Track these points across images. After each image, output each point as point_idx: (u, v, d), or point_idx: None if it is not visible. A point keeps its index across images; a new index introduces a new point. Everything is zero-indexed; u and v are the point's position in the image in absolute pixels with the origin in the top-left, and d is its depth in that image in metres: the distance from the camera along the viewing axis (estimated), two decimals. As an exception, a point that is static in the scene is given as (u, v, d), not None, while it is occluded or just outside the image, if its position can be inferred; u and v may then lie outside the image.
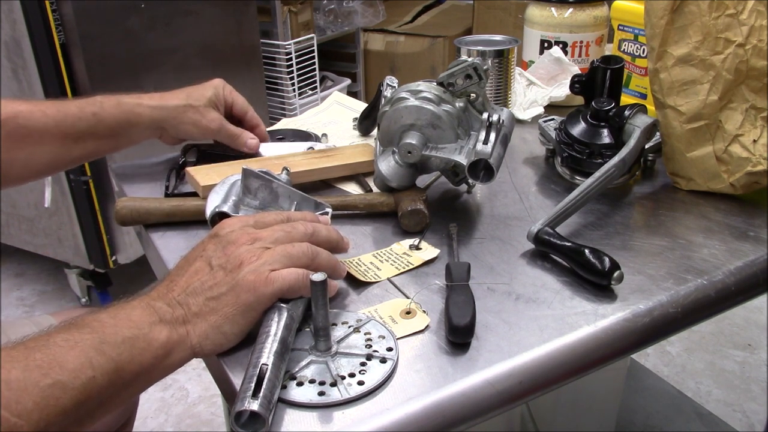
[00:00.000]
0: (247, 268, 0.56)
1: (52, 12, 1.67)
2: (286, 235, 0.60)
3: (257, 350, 0.52)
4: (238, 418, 0.48)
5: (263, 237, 0.59)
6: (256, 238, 0.58)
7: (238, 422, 0.48)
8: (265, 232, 0.59)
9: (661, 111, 0.83)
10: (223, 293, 0.55)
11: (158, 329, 0.53)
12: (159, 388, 1.78)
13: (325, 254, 0.61)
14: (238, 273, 0.55)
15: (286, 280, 0.56)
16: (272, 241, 0.59)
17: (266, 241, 0.58)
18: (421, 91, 0.77)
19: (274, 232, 0.60)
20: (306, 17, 2.57)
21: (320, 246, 0.61)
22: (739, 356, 1.85)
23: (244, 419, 0.48)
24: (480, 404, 0.54)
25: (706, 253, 0.71)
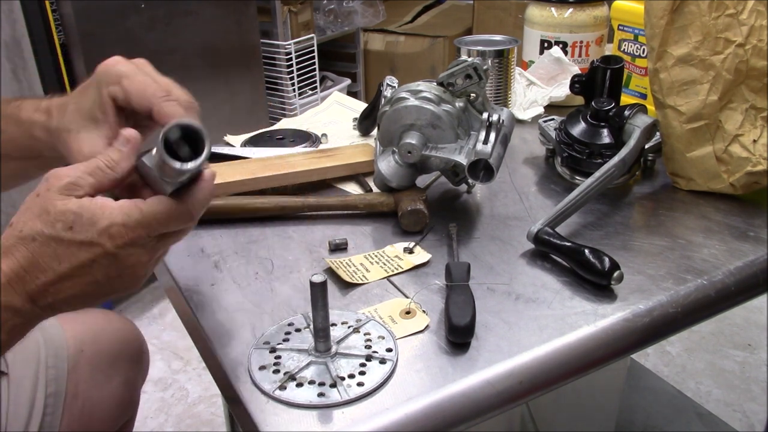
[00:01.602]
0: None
1: (52, 12, 1.67)
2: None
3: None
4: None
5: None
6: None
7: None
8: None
9: (661, 111, 0.83)
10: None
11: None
12: (159, 388, 1.78)
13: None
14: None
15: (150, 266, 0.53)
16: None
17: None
18: (421, 91, 0.77)
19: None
20: (306, 17, 2.57)
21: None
22: (739, 356, 1.85)
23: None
24: (480, 404, 0.54)
25: (706, 253, 0.71)
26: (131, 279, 0.51)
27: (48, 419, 0.82)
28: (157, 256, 0.52)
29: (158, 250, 0.52)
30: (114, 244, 0.48)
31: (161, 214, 0.49)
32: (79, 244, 0.48)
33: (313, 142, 1.01)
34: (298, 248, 0.74)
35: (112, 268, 0.49)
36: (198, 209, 0.51)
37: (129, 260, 0.50)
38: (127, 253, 0.49)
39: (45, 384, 0.83)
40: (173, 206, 0.50)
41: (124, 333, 0.98)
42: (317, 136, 1.03)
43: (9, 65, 1.72)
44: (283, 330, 0.60)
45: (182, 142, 0.48)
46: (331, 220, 0.80)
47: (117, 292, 0.52)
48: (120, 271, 0.50)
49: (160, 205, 0.49)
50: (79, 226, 0.48)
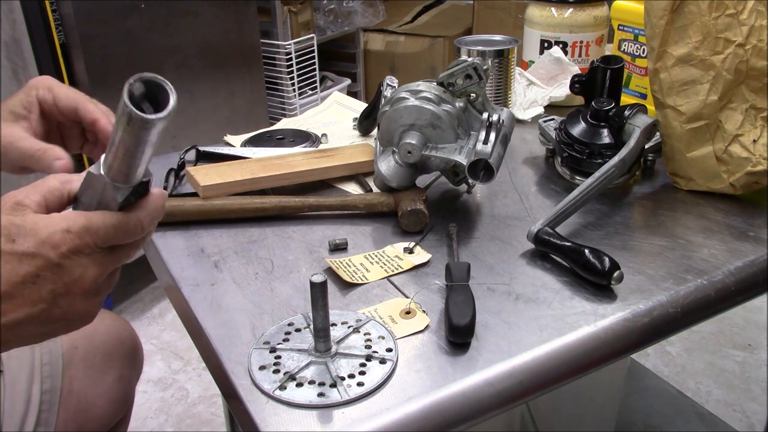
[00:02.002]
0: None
1: (52, 12, 1.67)
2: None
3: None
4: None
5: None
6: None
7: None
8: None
9: (661, 111, 0.83)
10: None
11: None
12: (159, 388, 1.78)
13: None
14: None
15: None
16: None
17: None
18: (421, 91, 0.77)
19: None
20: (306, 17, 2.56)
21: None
22: (739, 356, 1.85)
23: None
24: (480, 404, 0.54)
25: (706, 253, 0.71)
26: (81, 298, 0.47)
27: (44, 415, 0.82)
28: (108, 272, 0.48)
29: (107, 265, 0.48)
30: (57, 253, 0.44)
31: (109, 221, 0.46)
32: (20, 256, 0.44)
33: (313, 142, 1.01)
34: (298, 248, 0.74)
35: (58, 283, 0.45)
36: (148, 221, 0.48)
37: (75, 272, 0.46)
38: (73, 263, 0.45)
39: (41, 381, 0.83)
40: (123, 216, 0.47)
41: (118, 330, 0.98)
42: (317, 136, 1.03)
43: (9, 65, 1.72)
44: (283, 330, 0.60)
45: (146, 103, 0.44)
46: (331, 220, 0.80)
47: (69, 319, 0.48)
48: (67, 288, 0.46)
49: (109, 214, 0.47)
50: (21, 237, 0.44)
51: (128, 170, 0.45)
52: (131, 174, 0.46)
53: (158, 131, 0.43)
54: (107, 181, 0.46)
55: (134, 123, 0.42)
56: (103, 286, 0.49)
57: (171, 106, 0.42)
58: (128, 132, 0.42)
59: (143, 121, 0.42)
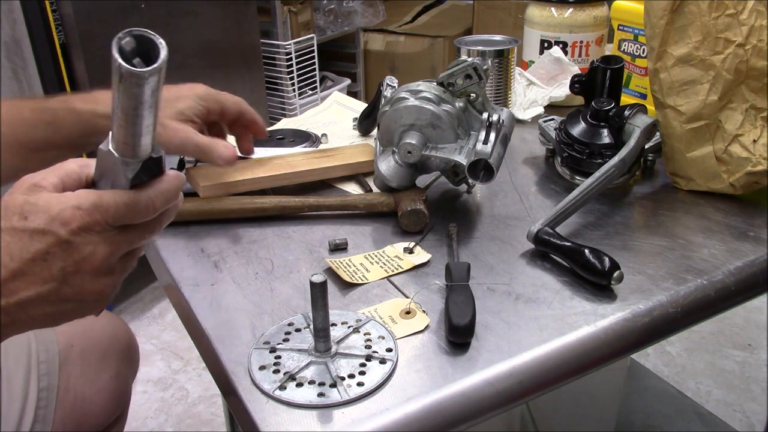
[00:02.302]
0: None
1: (52, 12, 1.67)
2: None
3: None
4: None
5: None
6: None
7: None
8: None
9: (661, 111, 0.83)
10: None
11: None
12: (159, 388, 1.78)
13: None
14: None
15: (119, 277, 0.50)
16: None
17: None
18: (421, 91, 0.77)
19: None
20: (306, 17, 2.57)
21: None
22: (739, 356, 1.85)
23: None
24: (480, 404, 0.54)
25: (706, 253, 0.71)
26: (92, 277, 0.46)
27: (41, 413, 0.82)
28: (120, 252, 0.48)
29: (119, 244, 0.47)
30: (68, 230, 0.44)
31: (120, 199, 0.46)
32: (31, 233, 0.44)
33: (313, 142, 1.01)
34: (298, 248, 0.74)
35: (68, 261, 0.45)
36: (160, 201, 0.48)
37: (85, 249, 0.45)
38: (83, 241, 0.45)
39: (37, 378, 0.84)
40: (133, 194, 0.46)
41: (113, 328, 0.98)
42: (317, 136, 1.03)
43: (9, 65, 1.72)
44: (283, 330, 0.60)
45: (139, 60, 0.43)
46: (331, 220, 0.80)
47: (80, 299, 0.47)
48: (77, 266, 0.45)
49: (120, 191, 0.46)
50: (33, 214, 0.45)
51: (132, 140, 0.44)
52: (136, 144, 0.45)
53: (152, 88, 0.42)
54: (116, 157, 0.45)
55: (125, 79, 0.41)
56: (117, 268, 0.49)
57: (162, 58, 0.41)
58: (122, 91, 0.41)
59: (133, 75, 0.40)
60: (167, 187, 0.48)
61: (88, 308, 0.49)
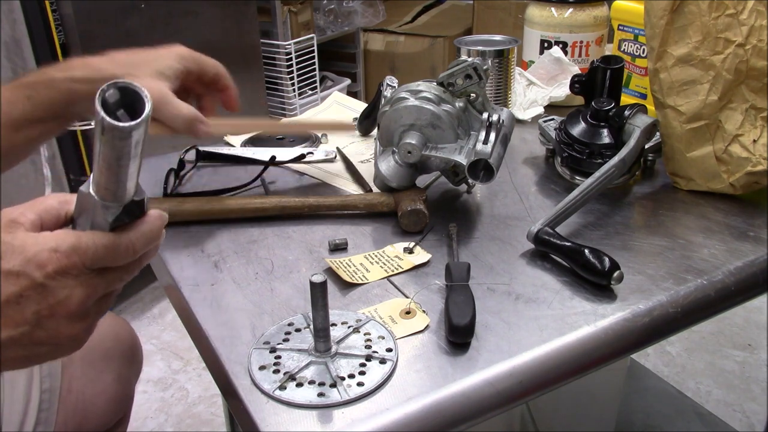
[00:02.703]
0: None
1: (52, 12, 1.67)
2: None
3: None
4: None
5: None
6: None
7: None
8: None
9: (661, 111, 0.83)
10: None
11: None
12: (159, 388, 1.78)
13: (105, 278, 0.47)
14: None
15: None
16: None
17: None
18: (421, 91, 0.77)
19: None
20: (306, 17, 2.57)
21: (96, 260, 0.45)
22: (739, 356, 1.85)
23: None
24: (480, 404, 0.54)
25: (706, 253, 0.71)
26: (67, 322, 0.45)
27: (43, 415, 0.82)
28: (97, 295, 0.46)
29: (96, 288, 0.46)
30: (43, 273, 0.43)
31: (99, 242, 0.44)
32: (5, 275, 0.42)
33: (313, 142, 1.01)
34: (298, 248, 0.74)
35: (42, 305, 0.43)
36: (141, 243, 0.46)
37: (60, 293, 0.43)
38: (58, 285, 0.43)
39: (39, 380, 0.83)
40: (113, 237, 0.45)
41: (116, 330, 0.98)
42: (317, 136, 1.03)
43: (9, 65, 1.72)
44: (283, 330, 0.60)
45: (123, 112, 0.42)
46: (331, 220, 0.80)
47: (54, 343, 0.46)
48: (52, 310, 0.44)
49: (99, 234, 0.45)
50: (9, 255, 0.43)
51: (114, 186, 0.43)
52: (119, 191, 0.44)
53: (136, 141, 0.41)
54: (96, 200, 0.44)
55: (108, 132, 0.40)
56: (92, 311, 0.47)
57: (146, 112, 0.40)
58: (105, 143, 0.40)
59: (117, 129, 0.39)
60: (149, 228, 0.47)
61: (63, 351, 0.47)
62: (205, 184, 0.90)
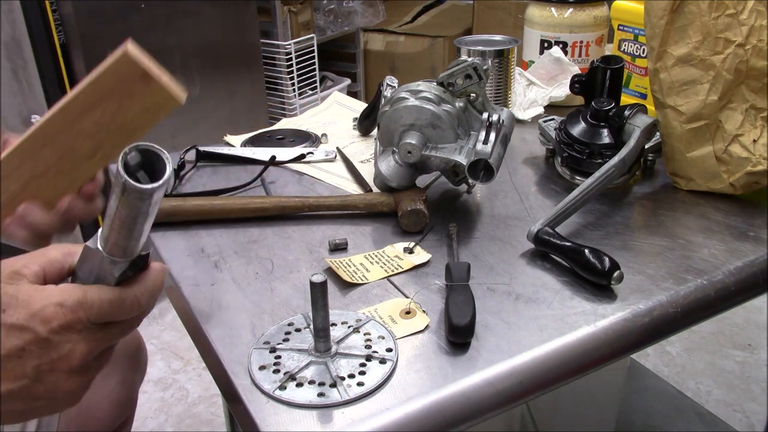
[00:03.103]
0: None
1: (52, 12, 1.67)
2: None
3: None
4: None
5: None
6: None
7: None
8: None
9: (661, 111, 0.83)
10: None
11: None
12: (159, 388, 1.78)
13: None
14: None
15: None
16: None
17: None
18: (421, 91, 0.77)
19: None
20: (306, 17, 2.56)
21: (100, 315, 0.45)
22: (739, 356, 1.85)
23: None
24: (480, 404, 0.54)
25: (706, 253, 0.71)
26: (67, 377, 0.44)
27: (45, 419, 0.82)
28: (98, 350, 0.45)
29: (99, 342, 0.45)
30: (48, 328, 0.42)
31: (105, 296, 0.44)
32: (8, 328, 0.42)
33: (313, 142, 1.01)
34: (298, 248, 0.74)
35: (44, 359, 0.43)
36: (146, 298, 0.46)
37: (63, 348, 0.43)
38: (62, 339, 0.43)
39: None
40: (119, 291, 0.45)
41: None
42: (317, 136, 1.03)
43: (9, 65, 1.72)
44: (283, 330, 0.60)
45: (143, 174, 0.43)
46: (331, 220, 0.80)
47: (52, 398, 0.45)
48: (53, 365, 0.43)
49: (105, 288, 0.44)
50: (12, 308, 0.42)
51: (126, 243, 0.43)
52: (129, 247, 0.44)
53: (155, 201, 0.42)
54: (104, 256, 0.44)
55: (129, 193, 0.40)
56: (92, 366, 0.46)
57: (167, 175, 0.41)
58: (123, 203, 0.41)
59: (138, 191, 0.40)
60: (153, 282, 0.46)
61: (60, 406, 0.46)
62: (205, 184, 0.90)
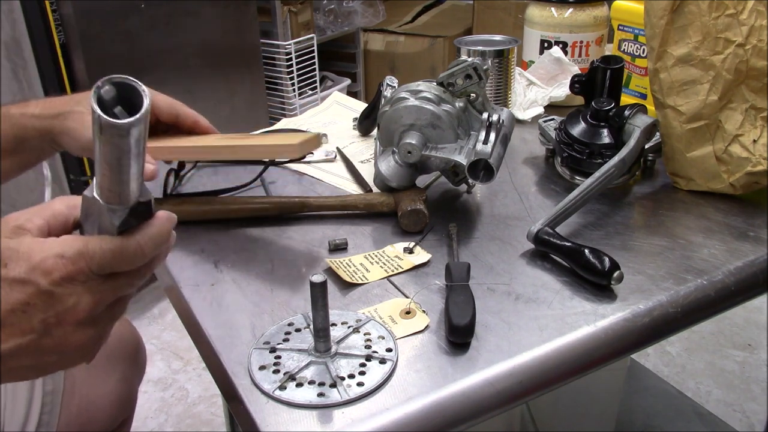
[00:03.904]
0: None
1: (52, 12, 1.67)
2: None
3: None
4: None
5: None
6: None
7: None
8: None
9: (661, 111, 0.83)
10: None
11: None
12: (159, 388, 1.78)
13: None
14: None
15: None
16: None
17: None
18: (421, 91, 0.77)
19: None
20: (306, 17, 2.56)
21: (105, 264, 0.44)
22: (739, 356, 1.85)
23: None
24: (480, 404, 0.54)
25: (706, 253, 0.71)
26: (75, 329, 0.44)
27: (45, 417, 0.82)
28: (106, 301, 0.45)
29: (105, 294, 0.44)
30: (49, 280, 0.41)
31: (107, 246, 0.43)
32: (11, 282, 0.41)
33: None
34: (298, 248, 0.74)
35: (50, 312, 0.42)
36: (150, 246, 0.44)
37: (68, 300, 0.42)
38: (65, 291, 0.42)
39: (42, 382, 0.83)
40: (121, 240, 0.43)
41: (120, 331, 0.98)
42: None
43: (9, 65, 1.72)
44: (283, 330, 0.60)
45: (121, 109, 0.40)
46: (331, 220, 0.80)
47: (62, 351, 0.44)
48: (60, 317, 0.43)
49: (107, 238, 0.43)
50: (14, 262, 0.41)
51: (118, 188, 0.42)
52: (123, 192, 0.42)
53: (136, 138, 0.39)
54: (101, 204, 0.43)
55: (105, 130, 0.38)
56: (102, 318, 0.46)
57: (145, 108, 0.39)
58: (104, 142, 0.39)
59: (114, 127, 0.38)
60: (157, 231, 0.45)
61: (72, 360, 0.46)
62: (205, 184, 0.90)
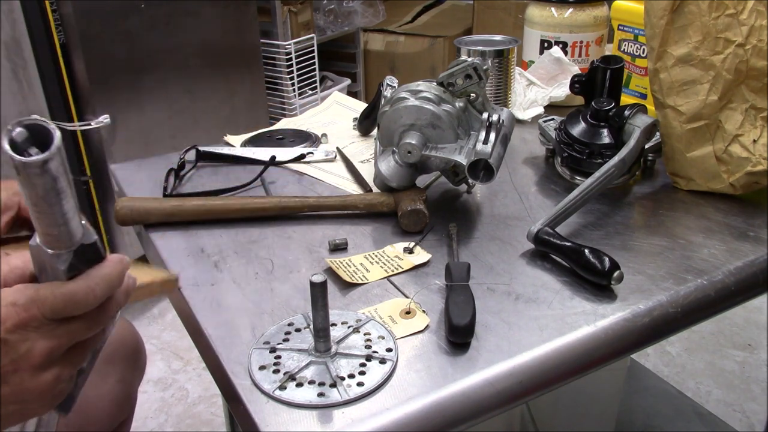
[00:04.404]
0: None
1: (52, 12, 1.67)
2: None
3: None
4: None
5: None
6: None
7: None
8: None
9: (661, 111, 0.83)
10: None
11: None
12: (159, 388, 1.78)
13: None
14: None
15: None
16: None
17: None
18: (421, 91, 0.77)
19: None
20: (306, 17, 2.56)
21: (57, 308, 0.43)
22: (739, 356, 1.85)
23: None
24: (480, 404, 0.54)
25: (706, 253, 0.71)
26: (31, 375, 0.43)
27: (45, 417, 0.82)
28: (63, 345, 0.44)
29: (60, 338, 0.44)
30: (3, 329, 0.41)
31: (57, 290, 0.42)
32: None
33: (313, 142, 1.01)
34: (298, 248, 0.74)
35: (5, 360, 0.42)
36: (102, 288, 0.44)
37: (21, 347, 0.42)
38: (19, 338, 0.42)
39: None
40: (70, 284, 0.43)
41: (120, 331, 0.98)
42: (317, 136, 1.03)
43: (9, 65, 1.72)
44: (283, 330, 0.60)
45: (37, 151, 0.40)
46: (331, 220, 0.80)
47: (22, 399, 0.44)
48: (15, 365, 0.42)
49: (57, 283, 0.43)
50: None
51: (54, 230, 0.41)
52: (61, 234, 0.42)
53: (53, 176, 0.39)
54: (44, 250, 0.43)
55: (21, 170, 0.38)
56: (60, 362, 0.45)
57: (55, 144, 0.39)
58: (24, 184, 0.39)
59: (27, 165, 0.38)
60: (108, 272, 0.44)
61: (34, 409, 0.46)
62: (205, 184, 0.90)
